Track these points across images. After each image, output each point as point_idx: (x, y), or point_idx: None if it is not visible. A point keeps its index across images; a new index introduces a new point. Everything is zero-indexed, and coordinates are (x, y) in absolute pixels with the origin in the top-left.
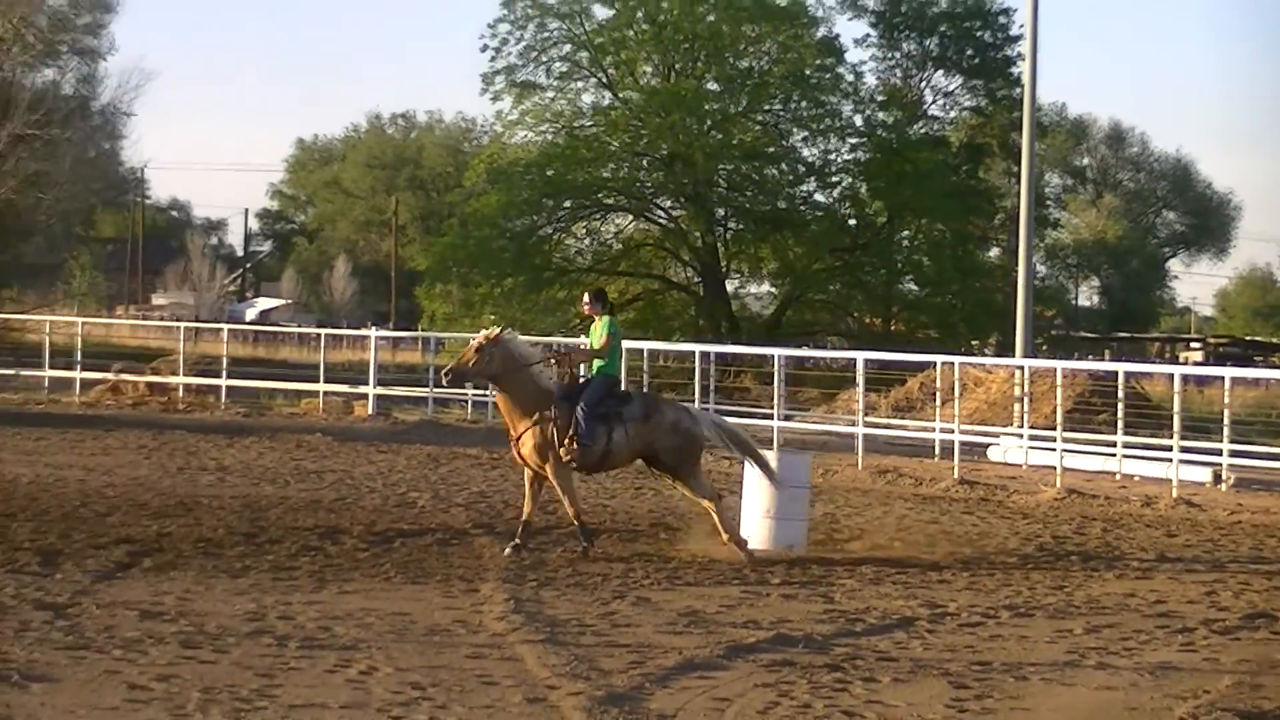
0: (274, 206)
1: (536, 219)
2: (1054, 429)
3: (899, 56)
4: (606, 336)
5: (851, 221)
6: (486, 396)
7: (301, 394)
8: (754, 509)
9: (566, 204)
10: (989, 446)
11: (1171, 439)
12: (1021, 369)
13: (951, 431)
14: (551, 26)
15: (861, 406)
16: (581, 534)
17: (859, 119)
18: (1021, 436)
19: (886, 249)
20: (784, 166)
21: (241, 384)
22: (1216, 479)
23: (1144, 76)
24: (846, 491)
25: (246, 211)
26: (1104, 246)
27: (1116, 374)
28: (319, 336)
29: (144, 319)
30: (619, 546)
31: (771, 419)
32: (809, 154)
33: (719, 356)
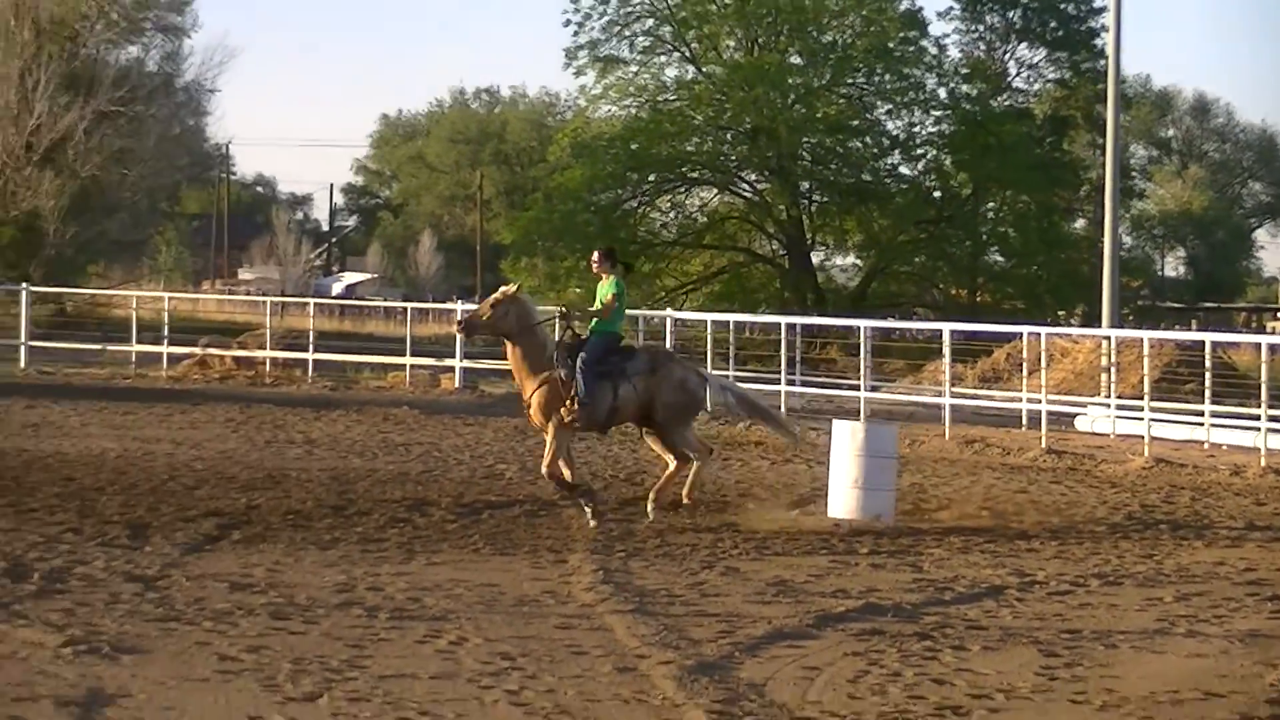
0: (359, 182)
1: (621, 193)
2: (1141, 399)
3: (982, 29)
4: (612, 295)
5: (936, 194)
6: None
7: (388, 368)
8: (842, 478)
9: (651, 178)
10: (1076, 416)
11: (1259, 408)
12: (1108, 339)
13: (1039, 401)
14: (634, 1)
15: (948, 377)
16: (557, 487)
17: (943, 92)
18: (1109, 406)
19: (971, 221)
20: (868, 139)
21: (328, 358)
22: None
23: (1229, 48)
24: (934, 462)
25: (331, 187)
26: (1189, 217)
27: (1203, 344)
28: (405, 310)
29: (230, 294)
30: (708, 517)
31: (858, 390)
32: (893, 127)
33: (805, 329)
